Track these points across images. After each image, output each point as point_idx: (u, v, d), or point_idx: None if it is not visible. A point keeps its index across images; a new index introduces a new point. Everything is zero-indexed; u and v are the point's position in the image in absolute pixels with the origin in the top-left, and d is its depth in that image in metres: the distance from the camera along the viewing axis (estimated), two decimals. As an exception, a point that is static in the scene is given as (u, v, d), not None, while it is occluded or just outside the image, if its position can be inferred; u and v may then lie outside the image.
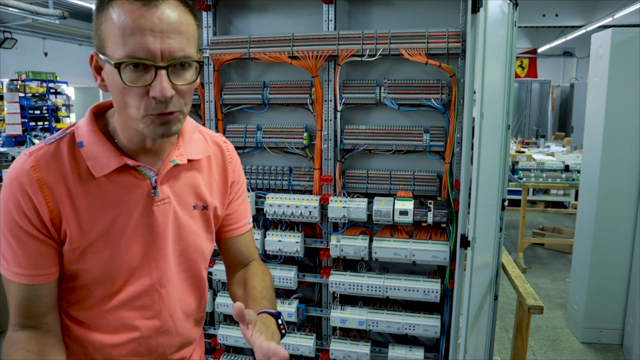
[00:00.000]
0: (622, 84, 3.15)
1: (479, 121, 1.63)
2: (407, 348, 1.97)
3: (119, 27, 0.76)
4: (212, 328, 2.25)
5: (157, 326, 0.97)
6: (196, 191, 0.98)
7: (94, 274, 0.89)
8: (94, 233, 0.87)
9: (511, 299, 4.07)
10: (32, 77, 9.25)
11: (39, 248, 0.85)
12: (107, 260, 0.89)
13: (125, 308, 0.93)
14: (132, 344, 0.95)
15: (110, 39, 0.77)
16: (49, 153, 0.86)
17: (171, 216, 0.94)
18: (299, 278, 2.05)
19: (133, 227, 0.90)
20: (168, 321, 0.98)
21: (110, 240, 0.89)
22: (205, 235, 1.02)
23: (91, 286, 0.91)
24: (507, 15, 2.10)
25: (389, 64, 1.93)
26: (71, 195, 0.85)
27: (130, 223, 0.90)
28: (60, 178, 0.85)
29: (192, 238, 0.98)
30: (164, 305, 0.97)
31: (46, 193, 0.83)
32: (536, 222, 6.38)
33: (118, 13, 0.76)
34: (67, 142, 0.87)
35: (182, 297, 1.00)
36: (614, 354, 3.28)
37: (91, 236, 0.87)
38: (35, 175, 0.83)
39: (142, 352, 0.97)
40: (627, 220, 3.28)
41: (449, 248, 1.83)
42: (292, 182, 2.05)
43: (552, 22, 9.67)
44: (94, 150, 0.86)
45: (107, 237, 0.88)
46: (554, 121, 11.59)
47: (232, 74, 2.12)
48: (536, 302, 2.08)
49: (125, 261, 0.91)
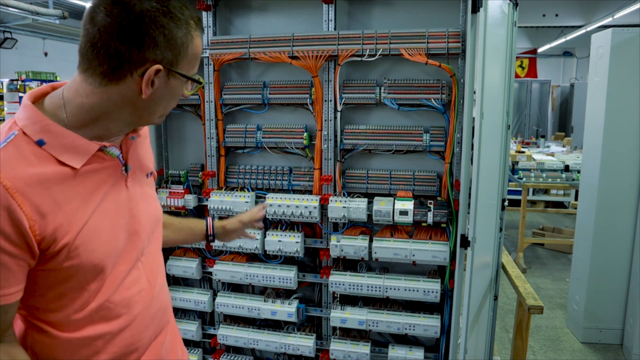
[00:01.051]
0: (622, 84, 3.15)
1: (479, 121, 1.63)
2: (407, 348, 1.97)
3: (197, 52, 0.93)
4: (212, 328, 2.25)
5: (147, 296, 1.01)
6: (144, 161, 1.06)
7: (86, 264, 0.88)
8: (81, 224, 0.87)
9: (511, 299, 4.07)
10: (32, 77, 9.24)
11: (12, 266, 0.81)
12: (95, 248, 0.89)
13: (120, 289, 0.95)
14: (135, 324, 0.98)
15: (188, 58, 0.91)
16: (12, 157, 0.81)
17: (139, 188, 1.01)
18: (299, 278, 2.05)
19: (115, 208, 0.93)
20: (154, 285, 1.04)
21: (95, 228, 0.89)
22: (157, 199, 1.12)
23: (84, 284, 0.90)
24: (507, 15, 2.10)
25: (389, 64, 1.93)
26: (49, 195, 0.83)
27: (112, 204, 0.93)
28: (33, 180, 0.81)
29: (154, 204, 1.08)
30: (147, 273, 1.02)
31: (20, 200, 0.79)
32: (536, 222, 6.38)
33: (197, 39, 0.92)
34: (24, 142, 0.83)
35: (156, 259, 1.07)
36: (614, 354, 3.28)
37: (80, 229, 0.87)
38: (4, 185, 0.78)
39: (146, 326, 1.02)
40: (627, 220, 3.28)
41: (449, 248, 1.83)
42: (292, 182, 2.05)
43: (552, 22, 9.68)
44: (64, 143, 0.86)
45: (95, 225, 0.89)
46: (554, 121, 11.59)
47: (232, 74, 2.12)
48: (536, 302, 2.08)
49: (114, 244, 0.93)
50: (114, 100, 0.87)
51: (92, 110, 0.88)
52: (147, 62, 0.85)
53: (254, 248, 2.02)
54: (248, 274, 2.05)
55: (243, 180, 2.09)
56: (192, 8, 0.92)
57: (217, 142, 2.09)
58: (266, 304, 2.07)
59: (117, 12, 0.81)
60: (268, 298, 2.10)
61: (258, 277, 2.04)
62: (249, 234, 1.50)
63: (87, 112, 0.88)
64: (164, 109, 0.94)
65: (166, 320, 1.11)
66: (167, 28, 0.85)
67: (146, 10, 0.82)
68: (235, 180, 2.10)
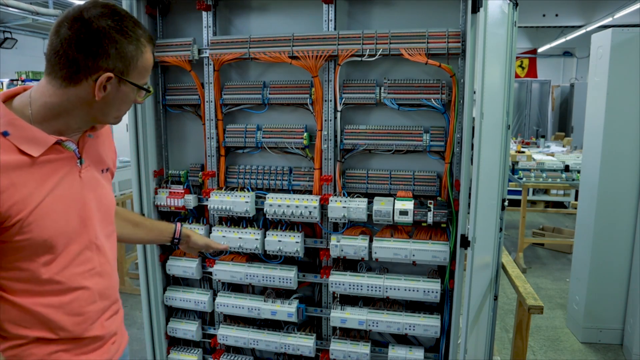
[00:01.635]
0: (622, 84, 3.16)
1: (479, 121, 1.63)
2: (407, 348, 1.97)
3: (147, 65, 1.10)
4: (212, 328, 2.25)
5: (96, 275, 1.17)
6: (101, 158, 1.22)
7: (37, 240, 1.03)
8: (34, 204, 1.02)
9: (511, 299, 4.07)
10: (32, 77, 9.22)
11: None
12: (48, 226, 1.04)
13: (71, 266, 1.11)
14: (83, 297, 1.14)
15: (138, 70, 1.07)
16: None
17: (92, 180, 1.17)
18: (299, 278, 2.05)
19: (68, 194, 1.09)
20: (105, 266, 1.20)
21: (47, 209, 1.04)
22: (111, 192, 1.28)
23: (34, 255, 1.05)
24: (507, 15, 2.10)
25: (389, 64, 1.93)
26: (8, 177, 0.98)
27: (65, 191, 1.09)
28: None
29: (107, 196, 1.23)
30: (101, 255, 1.19)
31: None
32: (536, 222, 6.39)
33: (147, 54, 1.08)
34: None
35: (108, 244, 1.23)
36: (614, 354, 3.29)
37: (33, 208, 1.01)
38: None
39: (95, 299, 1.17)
40: (627, 220, 3.28)
41: (449, 248, 1.83)
42: (292, 182, 2.05)
43: (552, 22, 9.68)
44: (25, 135, 1.02)
45: (47, 206, 1.04)
46: (554, 121, 11.59)
47: (232, 74, 2.12)
48: (536, 302, 2.08)
49: (64, 225, 1.08)
50: (72, 100, 1.04)
51: (53, 108, 1.05)
52: (100, 70, 1.02)
53: (254, 248, 2.02)
54: (248, 274, 2.05)
55: (243, 180, 2.09)
56: (145, 28, 1.09)
57: (217, 142, 2.09)
58: (266, 304, 2.07)
59: (77, 27, 0.99)
60: (268, 298, 2.10)
61: (258, 277, 2.04)
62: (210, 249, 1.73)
63: (49, 109, 1.05)
64: (117, 111, 1.12)
65: (114, 298, 1.26)
66: (119, 43, 1.02)
67: (102, 27, 1.00)
68: (235, 180, 2.10)
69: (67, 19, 1.00)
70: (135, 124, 2.03)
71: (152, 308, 2.19)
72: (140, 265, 2.12)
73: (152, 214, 2.14)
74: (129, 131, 2.04)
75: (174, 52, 2.02)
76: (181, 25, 2.13)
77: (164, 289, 2.25)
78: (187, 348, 2.28)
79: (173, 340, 2.31)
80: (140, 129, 2.04)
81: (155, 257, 2.18)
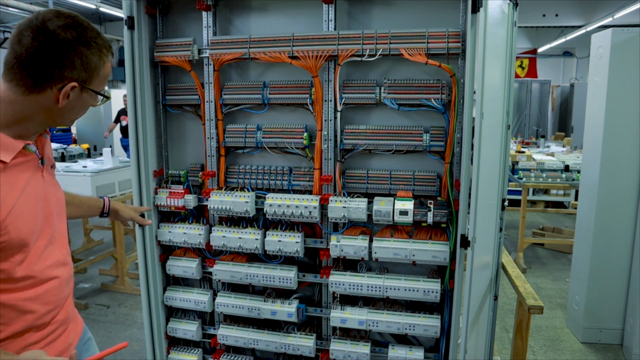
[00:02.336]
0: (622, 84, 3.16)
1: (479, 121, 1.63)
2: (407, 348, 1.97)
3: (107, 73, 1.16)
4: (212, 328, 2.25)
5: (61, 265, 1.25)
6: (50, 156, 1.27)
7: (13, 241, 1.07)
8: (9, 207, 1.06)
9: (511, 299, 4.07)
10: (32, 77, 9.22)
11: None
12: (20, 227, 1.09)
13: (40, 260, 1.16)
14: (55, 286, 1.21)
15: (99, 78, 1.13)
16: None
17: (50, 178, 1.25)
18: (299, 278, 2.05)
19: (35, 194, 1.15)
20: (66, 257, 1.28)
21: (20, 211, 1.09)
22: (60, 187, 1.34)
23: (9, 256, 1.09)
24: (507, 15, 2.10)
25: (389, 64, 1.93)
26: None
27: (33, 191, 1.14)
28: None
29: (59, 191, 1.31)
30: (59, 247, 1.25)
31: None
32: (536, 222, 6.39)
33: (108, 63, 1.14)
34: None
35: (64, 235, 1.30)
36: (614, 354, 3.29)
37: (5, 212, 1.05)
38: None
39: (63, 287, 1.25)
40: (627, 220, 3.28)
41: (449, 248, 1.83)
42: (292, 182, 2.05)
43: (552, 22, 9.68)
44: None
45: (18, 209, 1.08)
46: (554, 121, 11.60)
47: (232, 74, 2.12)
48: (536, 302, 2.08)
49: (34, 223, 1.14)
50: (34, 107, 1.09)
51: (14, 114, 1.08)
52: (65, 79, 1.06)
53: (254, 248, 2.02)
54: (248, 274, 2.05)
55: (243, 180, 2.09)
56: (104, 36, 1.14)
57: (217, 142, 2.09)
58: (266, 304, 2.07)
59: (43, 39, 1.02)
60: (268, 298, 2.10)
61: (258, 277, 2.04)
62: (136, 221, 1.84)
63: (11, 115, 1.08)
64: (75, 115, 1.18)
65: (72, 283, 1.34)
66: (84, 54, 1.07)
67: (67, 39, 1.04)
68: (235, 180, 2.10)
69: (31, 28, 1.02)
70: (135, 124, 2.03)
71: (152, 308, 2.19)
72: (140, 265, 2.12)
73: (152, 214, 2.14)
74: (128, 131, 2.05)
75: (174, 52, 2.02)
76: (181, 25, 2.13)
77: (164, 289, 2.25)
78: (187, 348, 2.28)
79: (173, 340, 2.31)
80: (140, 129, 2.04)
81: (155, 257, 2.18)
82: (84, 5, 8.16)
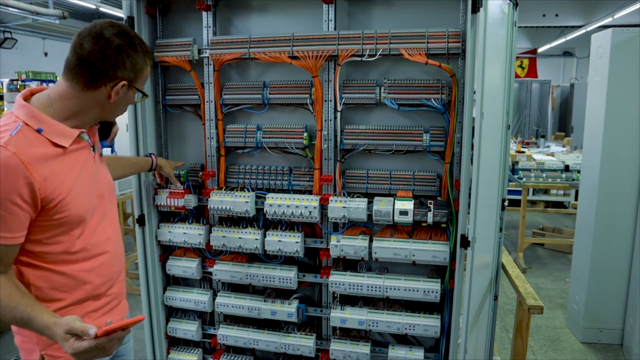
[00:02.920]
0: (622, 84, 3.16)
1: (479, 121, 1.63)
2: (407, 348, 1.97)
3: (147, 75, 1.37)
4: (212, 328, 2.25)
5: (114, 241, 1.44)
6: (98, 144, 1.45)
7: (73, 216, 1.27)
8: (69, 187, 1.25)
9: (511, 299, 4.07)
10: (32, 77, 9.24)
11: (23, 217, 1.18)
12: (79, 204, 1.28)
13: (95, 235, 1.35)
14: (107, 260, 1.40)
15: (142, 78, 1.34)
16: (22, 141, 1.17)
17: (100, 164, 1.44)
18: (299, 278, 2.05)
19: (88, 177, 1.34)
20: (117, 234, 1.47)
21: (78, 190, 1.28)
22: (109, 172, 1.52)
23: (70, 230, 1.28)
24: (507, 15, 2.10)
25: (389, 64, 1.93)
26: (48, 166, 1.20)
27: (87, 174, 1.33)
28: (37, 157, 1.18)
29: (108, 175, 1.49)
30: (111, 225, 1.45)
31: (32, 170, 1.16)
32: (536, 222, 6.39)
33: (148, 66, 1.35)
34: (28, 131, 1.20)
35: (115, 216, 1.50)
36: (614, 354, 3.29)
37: (67, 190, 1.24)
38: (20, 159, 1.15)
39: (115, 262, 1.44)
40: (627, 220, 3.28)
41: (449, 248, 1.83)
42: (292, 182, 2.05)
43: (552, 22, 9.68)
44: (55, 130, 1.24)
45: (76, 188, 1.27)
46: (554, 121, 11.59)
47: (232, 74, 2.12)
48: (536, 302, 2.08)
49: (88, 202, 1.33)
50: (90, 102, 1.28)
51: (72, 108, 1.28)
52: (117, 78, 1.26)
53: (254, 248, 2.02)
54: (248, 274, 2.05)
55: (243, 180, 2.09)
56: (146, 44, 1.34)
57: (217, 142, 2.09)
58: (266, 304, 2.07)
59: (102, 44, 1.22)
60: (268, 298, 2.10)
61: (258, 277, 2.04)
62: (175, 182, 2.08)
63: (70, 109, 1.27)
64: (120, 110, 1.38)
65: (124, 261, 1.51)
66: (132, 57, 1.27)
67: (120, 44, 1.25)
68: (235, 180, 2.10)
69: (90, 36, 1.22)
70: (135, 124, 2.03)
71: (152, 308, 2.19)
72: (140, 265, 2.12)
73: (152, 214, 2.15)
74: (129, 131, 2.04)
75: (174, 52, 2.02)
76: (181, 25, 2.13)
77: (164, 289, 2.25)
78: (187, 348, 2.28)
79: (173, 340, 2.31)
80: (140, 129, 2.04)
81: (155, 257, 2.18)
82: (84, 5, 8.15)
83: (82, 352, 1.07)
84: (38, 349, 1.30)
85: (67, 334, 1.08)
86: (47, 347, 1.30)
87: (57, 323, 1.11)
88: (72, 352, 1.08)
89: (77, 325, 1.08)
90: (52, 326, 1.11)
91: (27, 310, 1.15)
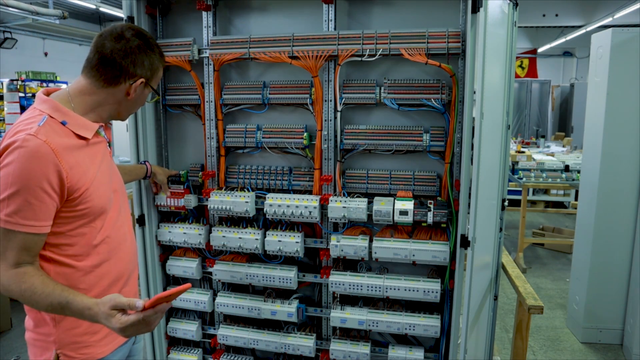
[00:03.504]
0: (622, 84, 3.16)
1: (479, 121, 1.63)
2: (407, 348, 1.97)
3: (160, 75, 1.45)
4: (212, 328, 2.25)
5: (129, 237, 1.49)
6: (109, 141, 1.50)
7: (95, 207, 1.31)
8: (92, 178, 1.30)
9: (511, 299, 4.07)
10: (32, 77, 9.24)
11: (51, 206, 1.21)
12: (100, 195, 1.33)
13: (114, 227, 1.40)
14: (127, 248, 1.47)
15: (156, 78, 1.43)
16: (51, 131, 1.22)
17: (113, 160, 1.50)
18: (299, 278, 2.05)
19: (106, 170, 1.39)
20: (132, 230, 1.53)
21: (99, 181, 1.33)
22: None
23: (92, 221, 1.32)
24: (507, 15, 2.10)
25: (389, 64, 1.93)
26: (73, 156, 1.25)
27: (105, 168, 1.39)
28: (64, 147, 1.23)
29: (119, 174, 1.54)
30: (126, 221, 1.49)
31: (60, 158, 1.20)
32: (536, 222, 6.39)
33: (162, 68, 1.44)
34: (54, 122, 1.25)
35: (129, 212, 1.54)
36: (614, 354, 3.29)
37: (90, 181, 1.29)
38: (50, 148, 1.18)
39: (131, 258, 1.49)
40: (627, 220, 3.28)
41: (449, 248, 1.83)
42: (292, 182, 2.05)
43: (552, 22, 9.68)
44: (78, 122, 1.30)
45: (98, 179, 1.32)
46: (554, 121, 11.59)
47: (232, 74, 2.12)
48: (536, 302, 2.08)
49: (107, 194, 1.37)
50: (108, 98, 1.34)
51: (92, 103, 1.34)
52: (136, 75, 1.34)
53: (254, 248, 2.02)
54: (248, 274, 2.05)
55: (243, 180, 2.09)
56: (160, 47, 1.42)
57: (217, 142, 2.09)
58: (266, 304, 2.07)
59: (123, 43, 1.31)
60: (268, 298, 2.10)
61: (258, 277, 2.04)
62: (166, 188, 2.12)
63: (89, 104, 1.33)
64: (135, 108, 1.46)
65: (137, 260, 1.59)
66: (149, 56, 1.36)
67: (140, 44, 1.34)
68: (235, 180, 2.10)
69: (112, 36, 1.31)
70: (135, 124, 2.03)
71: (152, 308, 2.19)
72: (140, 265, 2.12)
73: (152, 214, 2.15)
74: (129, 131, 2.04)
75: (174, 52, 2.02)
76: (181, 25, 2.13)
77: (164, 288, 2.24)
78: (187, 348, 2.28)
79: (173, 340, 2.31)
80: (140, 129, 2.04)
81: (155, 257, 2.18)
82: (84, 5, 8.15)
83: (130, 326, 1.10)
84: (54, 347, 1.31)
85: (112, 310, 1.11)
86: (64, 347, 1.32)
87: (99, 302, 1.14)
88: (120, 327, 1.10)
89: (123, 300, 1.12)
90: (94, 306, 1.14)
91: (64, 295, 1.17)
